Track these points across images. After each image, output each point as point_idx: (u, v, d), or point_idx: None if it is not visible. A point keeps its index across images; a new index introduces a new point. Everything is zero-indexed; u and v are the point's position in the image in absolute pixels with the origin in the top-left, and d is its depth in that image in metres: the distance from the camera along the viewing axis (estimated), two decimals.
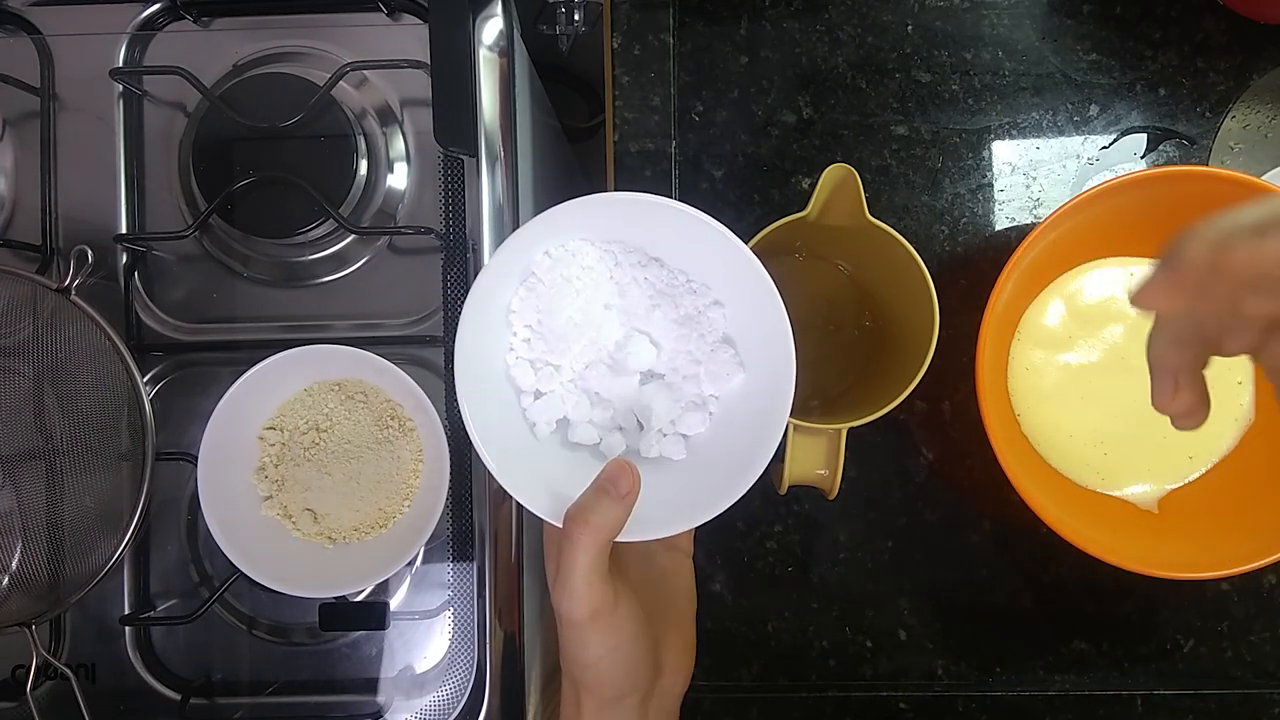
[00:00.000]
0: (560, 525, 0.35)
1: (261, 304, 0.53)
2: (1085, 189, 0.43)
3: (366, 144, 0.52)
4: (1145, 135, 0.53)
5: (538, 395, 0.40)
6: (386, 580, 0.50)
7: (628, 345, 0.40)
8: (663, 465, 0.40)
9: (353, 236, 0.53)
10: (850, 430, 0.43)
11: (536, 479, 0.38)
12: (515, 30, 0.52)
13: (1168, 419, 0.50)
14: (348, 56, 0.53)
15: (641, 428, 0.40)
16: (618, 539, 0.36)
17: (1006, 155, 0.53)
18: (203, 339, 0.53)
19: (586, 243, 0.39)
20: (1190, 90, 0.53)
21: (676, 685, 0.40)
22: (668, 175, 0.54)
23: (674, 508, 0.37)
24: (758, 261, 0.37)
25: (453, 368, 0.37)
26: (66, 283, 0.47)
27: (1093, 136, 0.53)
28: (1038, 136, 0.53)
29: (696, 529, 0.38)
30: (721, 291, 0.39)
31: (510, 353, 0.40)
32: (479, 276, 0.37)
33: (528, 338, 0.40)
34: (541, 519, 0.37)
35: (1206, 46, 0.53)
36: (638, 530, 0.36)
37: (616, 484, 0.35)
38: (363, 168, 0.52)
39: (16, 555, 0.49)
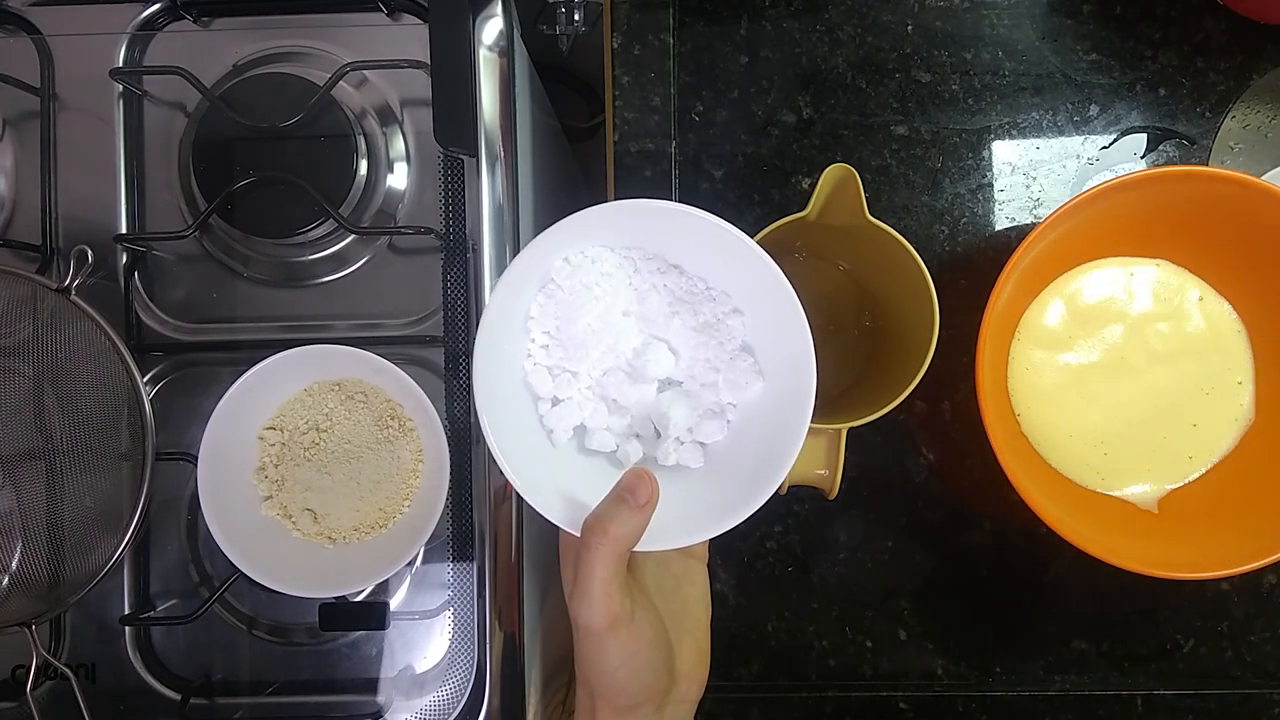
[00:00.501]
0: (578, 534, 0.35)
1: (261, 304, 0.53)
2: (1085, 189, 0.43)
3: (366, 144, 0.52)
4: (1145, 135, 0.53)
5: (555, 402, 0.40)
6: (386, 580, 0.50)
7: (646, 352, 0.40)
8: (680, 474, 0.40)
9: (353, 236, 0.53)
10: (850, 430, 0.43)
11: (553, 486, 0.38)
12: (515, 30, 0.52)
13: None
14: (348, 56, 0.53)
15: (659, 435, 0.40)
16: (635, 549, 0.35)
17: (1006, 155, 0.53)
18: (203, 339, 0.53)
19: (606, 249, 0.39)
20: (1190, 90, 0.53)
21: (691, 693, 0.40)
22: (668, 175, 0.54)
23: (691, 517, 0.37)
24: (779, 270, 0.36)
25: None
26: (66, 283, 0.47)
27: (1093, 136, 0.53)
28: (1038, 136, 0.53)
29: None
30: (741, 299, 0.39)
31: (528, 359, 0.40)
32: (498, 283, 0.37)
33: (546, 344, 0.40)
34: (558, 527, 0.37)
35: (1206, 46, 0.53)
36: (655, 540, 0.36)
37: (635, 493, 0.35)
38: (363, 168, 0.52)
39: (16, 555, 0.49)
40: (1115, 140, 0.54)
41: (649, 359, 0.39)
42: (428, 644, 0.52)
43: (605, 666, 0.36)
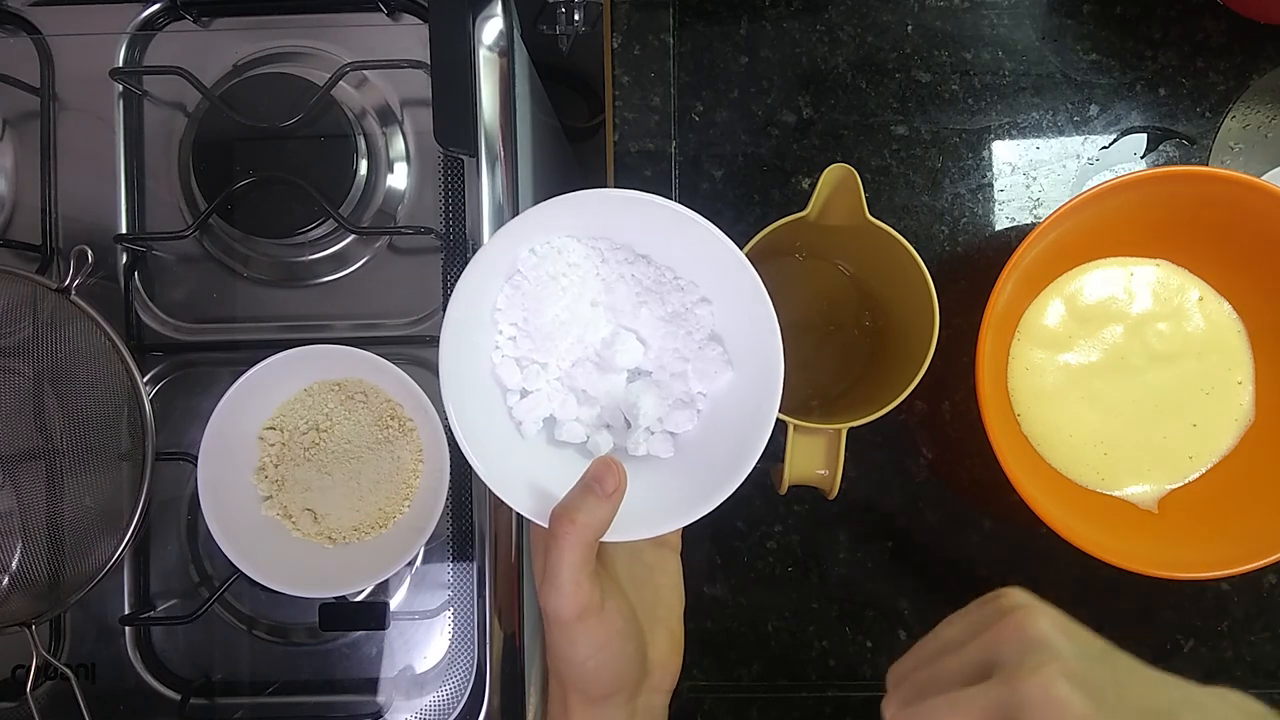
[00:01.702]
0: (546, 525, 0.35)
1: (261, 304, 0.53)
2: (1085, 189, 0.43)
3: (366, 144, 0.52)
4: (1145, 135, 0.53)
5: (524, 394, 0.40)
6: (386, 580, 0.50)
7: (615, 343, 0.39)
8: (651, 463, 0.40)
9: (353, 236, 0.53)
10: (850, 430, 0.43)
11: (523, 478, 0.38)
12: (515, 30, 0.52)
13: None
14: (348, 56, 0.53)
15: (629, 426, 0.40)
16: (605, 538, 0.35)
17: (1006, 155, 0.53)
18: (203, 339, 0.53)
19: (572, 239, 0.39)
20: (1190, 90, 0.53)
21: (665, 683, 0.40)
22: (668, 175, 0.54)
23: (662, 506, 0.37)
24: (745, 258, 0.36)
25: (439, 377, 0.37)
26: (66, 283, 0.47)
27: (1093, 136, 0.53)
28: (1038, 136, 0.53)
29: (687, 526, 0.38)
30: (709, 288, 0.39)
31: (496, 351, 0.40)
32: (463, 274, 0.36)
33: (513, 336, 0.40)
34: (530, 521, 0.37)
35: (1206, 46, 0.53)
36: (625, 529, 0.36)
37: (602, 482, 0.35)
38: (363, 168, 0.52)
39: (16, 555, 0.49)
40: (1115, 140, 0.54)
41: (618, 349, 0.39)
42: (428, 644, 0.52)
43: (575, 657, 0.36)
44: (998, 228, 0.54)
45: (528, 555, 0.51)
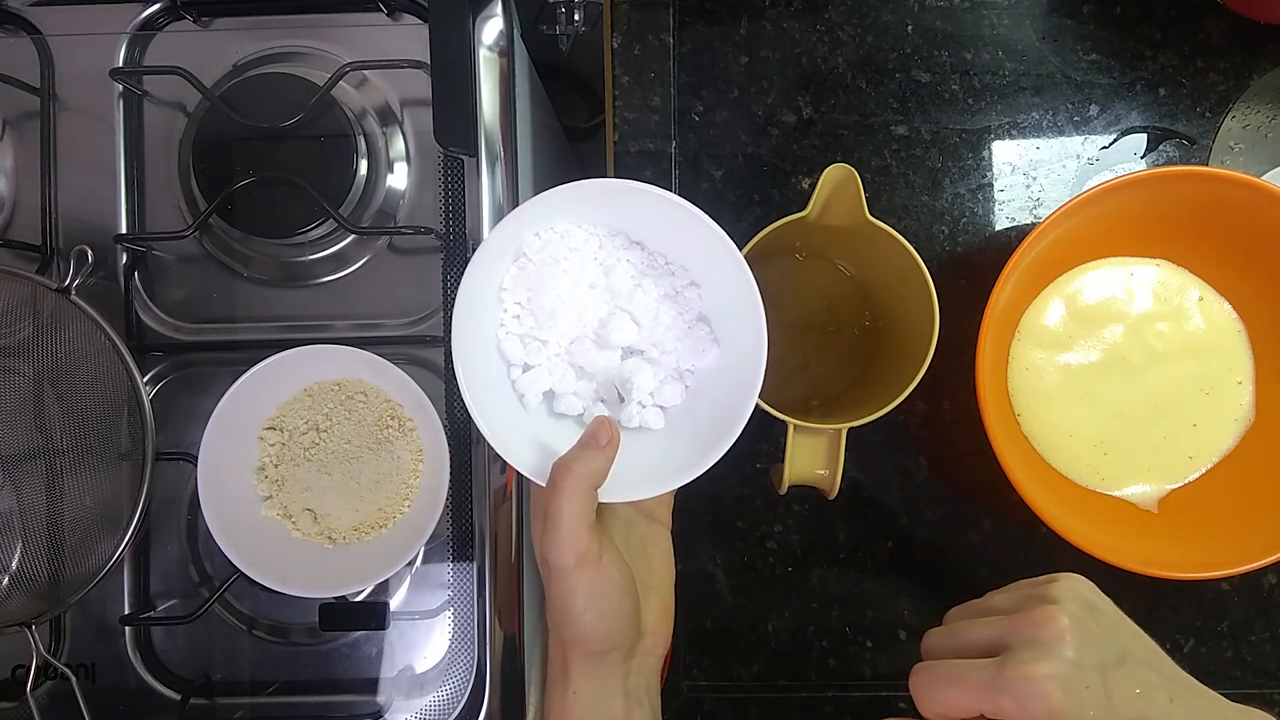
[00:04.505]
0: (545, 484, 0.38)
1: (261, 304, 0.53)
2: (1085, 189, 0.43)
3: (366, 144, 0.52)
4: (1145, 135, 0.53)
5: (526, 368, 0.42)
6: (386, 580, 0.50)
7: (611, 322, 0.42)
8: (643, 435, 0.42)
9: (353, 236, 0.53)
10: (850, 430, 0.43)
11: (525, 445, 0.40)
12: (515, 30, 0.52)
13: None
14: (348, 56, 0.53)
15: (623, 400, 0.42)
16: (601, 498, 0.38)
17: (1006, 155, 0.53)
18: (203, 339, 0.53)
19: (574, 226, 0.41)
20: (1190, 90, 0.53)
21: (657, 647, 0.42)
22: (668, 175, 0.54)
23: (654, 472, 0.40)
24: (732, 244, 0.39)
25: (450, 350, 0.38)
26: (66, 283, 0.47)
27: (1093, 136, 0.53)
28: (1038, 136, 0.53)
29: (677, 506, 0.44)
30: (698, 273, 0.42)
31: (501, 328, 0.42)
32: (474, 254, 0.39)
33: (518, 314, 0.42)
34: (531, 485, 0.39)
35: (1206, 46, 0.53)
36: (619, 491, 0.39)
37: (597, 437, 0.38)
38: (363, 168, 0.52)
39: (16, 555, 0.49)
40: (1115, 140, 0.54)
41: (613, 328, 0.41)
42: (428, 644, 0.52)
43: (574, 608, 0.37)
44: (998, 228, 0.54)
45: (528, 554, 0.51)
